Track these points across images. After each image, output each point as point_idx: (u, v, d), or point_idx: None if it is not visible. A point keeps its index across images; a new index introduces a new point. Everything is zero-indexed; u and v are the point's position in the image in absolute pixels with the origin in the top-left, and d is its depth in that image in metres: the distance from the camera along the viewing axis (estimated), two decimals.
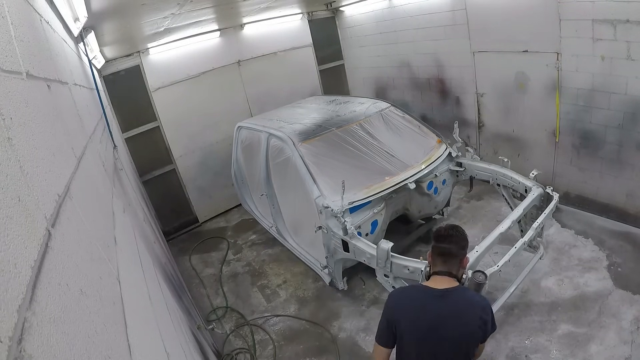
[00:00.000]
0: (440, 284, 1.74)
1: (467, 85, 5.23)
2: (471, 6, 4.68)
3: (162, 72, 5.39)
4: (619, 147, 3.83)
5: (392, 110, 4.44)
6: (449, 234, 1.78)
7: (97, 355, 0.63)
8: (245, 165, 5.14)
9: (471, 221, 4.67)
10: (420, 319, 1.72)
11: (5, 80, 0.65)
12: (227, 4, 3.96)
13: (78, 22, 2.45)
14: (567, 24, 3.78)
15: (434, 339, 1.70)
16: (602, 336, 2.90)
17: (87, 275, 0.74)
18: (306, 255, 4.23)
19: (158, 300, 1.57)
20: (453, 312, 1.69)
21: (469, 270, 2.20)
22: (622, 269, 3.46)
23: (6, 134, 0.57)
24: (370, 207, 3.41)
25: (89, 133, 1.73)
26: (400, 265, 2.69)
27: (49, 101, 1.01)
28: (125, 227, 1.64)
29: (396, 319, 1.75)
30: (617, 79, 3.59)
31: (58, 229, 0.67)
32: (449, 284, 1.74)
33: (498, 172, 3.64)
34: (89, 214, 0.99)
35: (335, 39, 7.12)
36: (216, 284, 4.65)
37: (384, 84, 6.65)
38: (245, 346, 3.61)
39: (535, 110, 4.50)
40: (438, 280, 1.76)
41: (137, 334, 0.95)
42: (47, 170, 0.74)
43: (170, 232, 5.92)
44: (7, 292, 0.42)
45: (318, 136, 3.88)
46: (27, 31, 0.97)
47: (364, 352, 3.29)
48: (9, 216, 0.49)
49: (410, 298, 1.81)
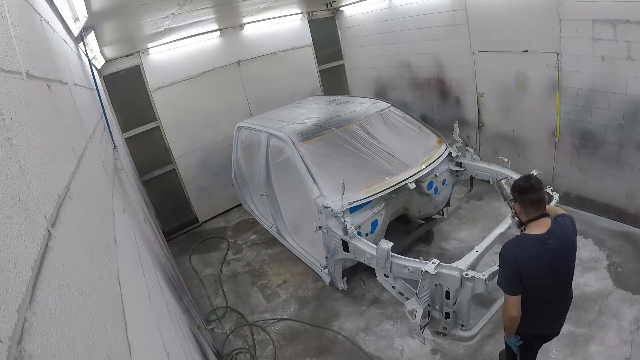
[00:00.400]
0: (542, 227, 1.99)
1: (467, 85, 5.23)
2: (471, 6, 4.68)
3: (162, 72, 5.39)
4: (619, 147, 3.83)
5: (392, 110, 4.44)
6: (532, 184, 2.02)
7: (97, 355, 0.63)
8: (245, 165, 5.14)
9: (471, 221, 4.67)
10: (542, 264, 1.97)
11: (5, 80, 0.65)
12: (227, 4, 3.96)
13: (78, 22, 2.45)
14: (567, 24, 3.78)
15: (557, 274, 2.02)
16: (602, 336, 2.90)
17: (87, 275, 0.74)
18: (306, 255, 4.23)
19: (158, 300, 1.57)
20: (562, 247, 1.98)
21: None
22: (622, 269, 3.46)
23: (6, 134, 0.57)
24: (370, 207, 3.41)
25: (89, 133, 1.73)
26: (400, 265, 2.69)
27: (49, 101, 1.01)
28: (125, 227, 1.64)
29: (522, 269, 1.97)
30: (617, 79, 3.59)
31: (58, 229, 0.67)
32: (547, 224, 1.99)
33: (498, 172, 3.64)
34: (89, 214, 0.99)
35: (335, 39, 7.12)
36: (216, 284, 4.65)
37: (384, 84, 6.65)
38: (245, 346, 3.61)
39: (535, 110, 4.50)
40: (537, 225, 2.01)
41: (137, 334, 0.95)
42: (47, 170, 0.74)
43: (170, 232, 5.92)
44: (7, 292, 0.42)
45: (318, 136, 3.88)
46: (27, 31, 0.97)
47: (364, 352, 3.29)
48: (9, 216, 0.49)
49: (527, 249, 2.00)
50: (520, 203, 2.07)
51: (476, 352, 3.04)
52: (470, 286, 2.42)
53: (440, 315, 2.63)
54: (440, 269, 2.47)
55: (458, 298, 2.48)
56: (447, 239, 4.46)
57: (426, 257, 2.72)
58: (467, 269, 2.43)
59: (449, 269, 2.47)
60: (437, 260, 2.52)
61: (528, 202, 2.02)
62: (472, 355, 3.04)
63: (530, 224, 2.04)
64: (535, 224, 2.01)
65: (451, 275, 2.44)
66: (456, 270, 2.44)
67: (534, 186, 2.01)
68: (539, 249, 1.96)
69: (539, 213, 2.01)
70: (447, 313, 2.58)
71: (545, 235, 1.96)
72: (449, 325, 2.64)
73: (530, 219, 2.03)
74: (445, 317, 2.61)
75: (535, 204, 2.01)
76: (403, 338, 3.33)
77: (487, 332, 3.13)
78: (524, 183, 2.05)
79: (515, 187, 2.08)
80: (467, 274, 2.39)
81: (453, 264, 2.52)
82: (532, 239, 2.00)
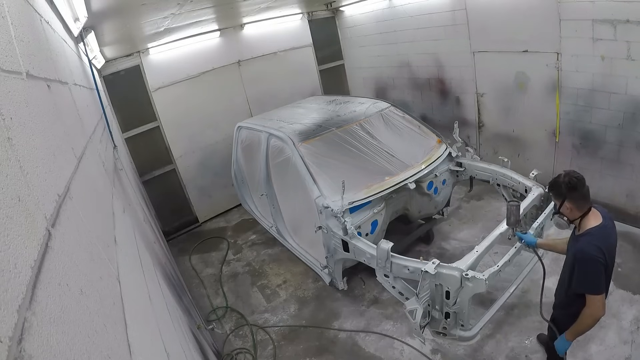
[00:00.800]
0: (597, 216, 2.01)
1: (467, 85, 5.23)
2: (471, 6, 4.68)
3: (162, 72, 5.39)
4: (619, 147, 3.83)
5: (392, 110, 4.44)
6: (579, 178, 2.01)
7: (97, 355, 0.63)
8: (245, 165, 5.14)
9: (471, 221, 4.67)
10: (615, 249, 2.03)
11: (5, 80, 0.65)
12: (227, 4, 3.96)
13: (78, 22, 2.45)
14: (567, 24, 3.78)
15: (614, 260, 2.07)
16: (602, 336, 2.90)
17: (87, 275, 0.74)
18: (306, 255, 4.23)
19: (158, 300, 1.57)
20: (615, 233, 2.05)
21: None
22: (622, 269, 3.46)
23: (6, 134, 0.57)
24: (370, 207, 3.41)
25: (89, 133, 1.73)
26: (400, 265, 2.69)
27: (49, 101, 1.01)
28: (125, 227, 1.64)
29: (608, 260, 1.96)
30: (617, 79, 3.59)
31: (58, 229, 0.67)
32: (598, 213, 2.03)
33: (498, 172, 3.64)
34: (89, 214, 0.99)
35: (335, 39, 7.12)
36: (216, 284, 4.65)
37: (384, 84, 6.65)
38: (245, 346, 3.61)
39: (535, 110, 4.50)
40: (594, 216, 2.02)
41: (137, 334, 0.95)
42: (47, 170, 0.74)
43: (170, 232, 5.92)
44: (7, 292, 0.42)
45: (318, 136, 3.88)
46: (27, 31, 0.97)
47: (364, 352, 3.29)
48: (9, 216, 0.49)
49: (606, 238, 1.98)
50: (572, 200, 2.01)
51: (476, 352, 3.04)
52: (470, 286, 2.42)
53: (440, 315, 2.63)
54: (440, 269, 2.48)
55: (458, 298, 2.48)
56: (447, 239, 4.46)
57: (426, 257, 2.73)
58: (467, 269, 2.43)
59: (449, 269, 2.47)
60: (437, 260, 2.52)
61: (581, 196, 2.00)
62: (472, 355, 3.04)
63: (585, 217, 2.02)
64: (591, 215, 2.01)
65: (451, 275, 2.44)
66: (456, 270, 2.44)
67: (581, 180, 2.00)
68: (612, 235, 1.99)
69: (589, 205, 2.02)
70: (447, 313, 2.58)
71: (606, 222, 1.99)
72: (449, 325, 2.64)
73: (583, 213, 2.02)
74: (445, 317, 2.61)
75: (586, 196, 2.01)
76: (403, 338, 3.33)
77: (487, 332, 3.13)
78: (571, 179, 2.00)
79: (565, 185, 2.01)
80: (467, 274, 2.39)
81: (453, 264, 2.52)
82: (603, 229, 1.98)
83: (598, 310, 1.95)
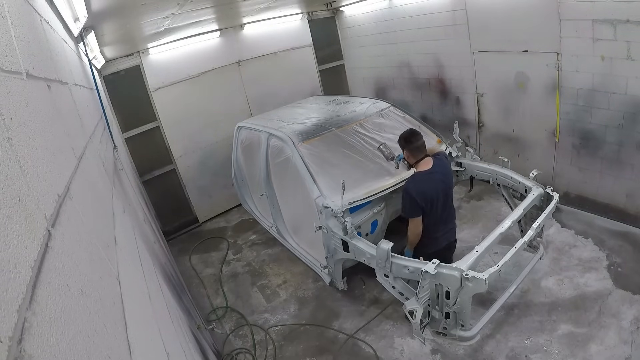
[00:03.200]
0: (427, 164, 2.76)
1: (467, 85, 5.23)
2: (471, 6, 4.67)
3: (162, 72, 5.39)
4: (619, 147, 3.83)
5: (392, 110, 4.43)
6: (414, 133, 2.82)
7: (97, 355, 0.63)
8: (245, 165, 5.13)
9: (471, 221, 4.67)
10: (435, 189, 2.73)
11: (5, 80, 0.65)
12: (227, 4, 3.96)
13: (78, 22, 2.45)
14: (567, 24, 3.78)
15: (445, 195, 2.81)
16: (602, 336, 2.90)
17: (87, 275, 0.74)
18: (306, 255, 4.23)
19: (158, 300, 1.57)
20: (443, 176, 2.80)
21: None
22: (622, 269, 3.46)
23: (6, 134, 0.57)
24: (370, 207, 3.41)
25: (89, 133, 1.73)
26: (400, 265, 2.69)
27: (49, 101, 1.01)
28: (125, 227, 1.64)
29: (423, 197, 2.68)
30: (617, 79, 3.58)
31: (58, 229, 0.67)
32: (430, 162, 2.77)
33: (498, 172, 3.64)
34: (89, 214, 0.99)
35: (335, 39, 7.11)
36: (216, 284, 4.65)
37: (384, 84, 6.65)
38: (245, 346, 3.61)
39: (535, 110, 4.50)
40: (424, 164, 2.78)
41: (137, 334, 0.95)
42: (47, 170, 0.74)
43: (170, 232, 5.92)
44: (7, 292, 0.42)
45: (318, 136, 3.88)
46: (27, 31, 0.97)
47: (364, 352, 3.29)
48: (9, 216, 0.49)
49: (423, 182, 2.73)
50: (408, 150, 2.80)
51: (476, 352, 3.04)
52: (470, 286, 2.42)
53: (440, 315, 2.63)
54: (440, 269, 2.47)
55: (458, 298, 2.48)
56: None
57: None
58: (467, 269, 2.43)
59: (449, 269, 2.47)
60: (437, 260, 2.52)
61: (414, 147, 2.76)
62: (472, 355, 3.04)
63: (418, 164, 2.78)
64: (422, 163, 2.77)
65: (451, 275, 2.44)
66: (456, 270, 2.44)
67: (416, 134, 2.78)
68: (431, 180, 2.72)
69: (423, 155, 2.77)
70: (447, 313, 2.58)
71: (432, 169, 2.73)
72: (449, 325, 2.64)
73: (417, 160, 2.79)
74: (445, 317, 2.61)
75: (419, 148, 2.76)
76: (403, 338, 3.33)
77: (487, 332, 3.13)
78: (407, 134, 2.81)
79: (402, 138, 2.81)
80: (467, 274, 2.39)
81: (453, 264, 2.52)
82: (424, 174, 2.74)
83: (417, 227, 2.77)
